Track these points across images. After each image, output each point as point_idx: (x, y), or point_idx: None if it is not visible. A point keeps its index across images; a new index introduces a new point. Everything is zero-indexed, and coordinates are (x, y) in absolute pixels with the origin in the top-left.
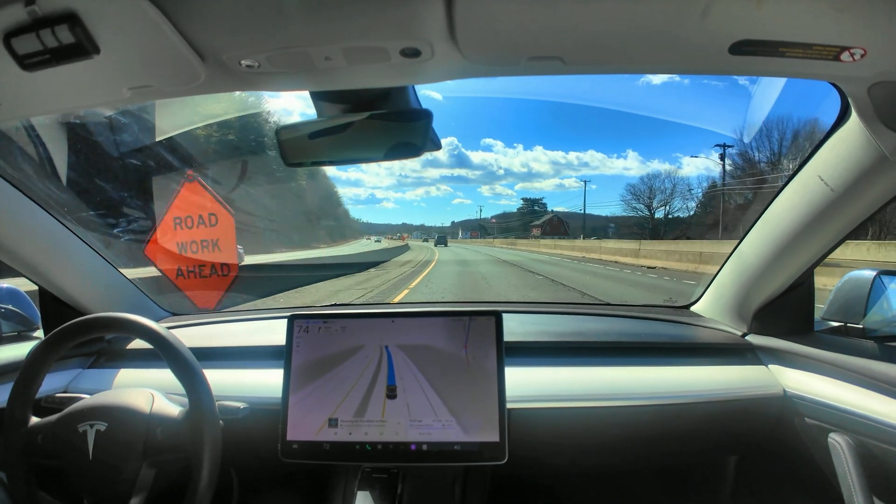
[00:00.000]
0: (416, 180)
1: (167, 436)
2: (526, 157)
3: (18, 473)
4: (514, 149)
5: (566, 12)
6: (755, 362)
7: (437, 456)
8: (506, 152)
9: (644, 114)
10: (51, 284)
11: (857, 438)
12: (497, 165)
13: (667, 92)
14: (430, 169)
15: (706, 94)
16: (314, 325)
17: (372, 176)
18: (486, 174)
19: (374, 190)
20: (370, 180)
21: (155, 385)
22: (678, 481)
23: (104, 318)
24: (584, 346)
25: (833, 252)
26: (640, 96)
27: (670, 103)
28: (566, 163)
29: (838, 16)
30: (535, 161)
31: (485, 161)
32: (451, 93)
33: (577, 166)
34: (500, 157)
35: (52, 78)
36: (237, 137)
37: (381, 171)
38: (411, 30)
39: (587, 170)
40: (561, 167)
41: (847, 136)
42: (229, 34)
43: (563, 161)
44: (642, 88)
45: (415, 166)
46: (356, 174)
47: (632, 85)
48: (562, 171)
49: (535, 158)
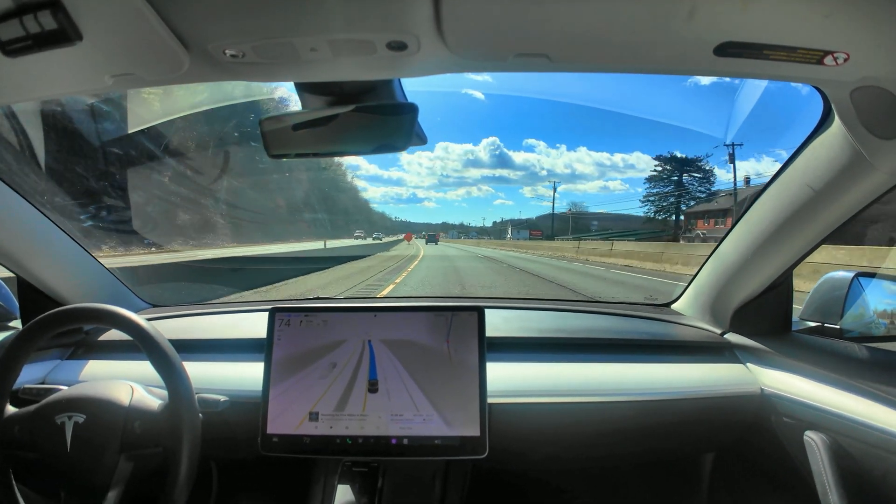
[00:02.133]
0: (458, 180)
1: (145, 429)
2: (569, 158)
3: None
4: (556, 149)
5: (553, 10)
6: (733, 360)
7: (418, 450)
8: (548, 153)
9: (677, 124)
10: (29, 274)
11: (832, 436)
12: (539, 166)
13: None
14: (471, 169)
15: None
16: (295, 319)
17: (413, 175)
18: (529, 175)
19: (416, 189)
20: (412, 180)
21: (134, 377)
22: (656, 477)
23: (84, 308)
24: (566, 343)
25: (811, 254)
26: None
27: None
28: (611, 164)
29: (822, 20)
30: (579, 162)
31: (527, 161)
32: (493, 90)
33: (622, 168)
34: (542, 157)
35: (34, 64)
36: (220, 128)
37: (423, 171)
38: (398, 23)
39: (633, 172)
40: (606, 169)
41: (829, 139)
42: (214, 23)
43: (607, 163)
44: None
45: (456, 166)
46: (398, 173)
47: (680, 87)
48: (607, 173)
49: (579, 159)
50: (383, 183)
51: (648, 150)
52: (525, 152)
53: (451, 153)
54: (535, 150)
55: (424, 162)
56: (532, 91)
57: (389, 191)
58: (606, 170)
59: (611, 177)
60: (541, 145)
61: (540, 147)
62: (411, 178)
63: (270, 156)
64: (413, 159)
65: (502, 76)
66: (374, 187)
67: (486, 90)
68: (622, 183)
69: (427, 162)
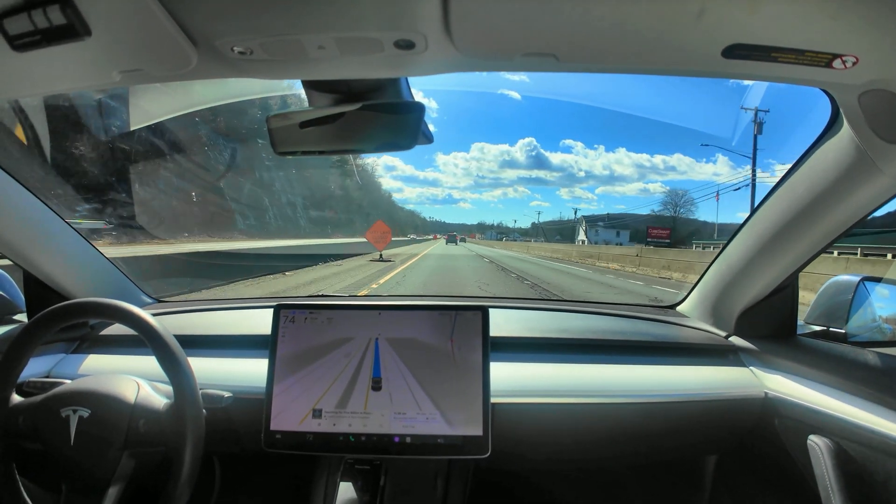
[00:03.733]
0: (494, 181)
1: (149, 428)
2: (608, 159)
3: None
4: (594, 150)
5: (561, 10)
6: (738, 364)
7: (421, 449)
8: (586, 153)
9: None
10: (35, 268)
11: (836, 441)
12: (577, 167)
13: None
14: (507, 170)
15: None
16: (300, 316)
17: (449, 176)
18: (566, 176)
19: (452, 190)
20: (448, 180)
21: (138, 372)
22: (658, 479)
23: (92, 303)
24: (570, 343)
25: (817, 257)
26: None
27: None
28: (651, 166)
29: (831, 23)
30: (618, 164)
31: (564, 162)
32: (530, 92)
33: (663, 170)
34: (580, 158)
35: (42, 59)
36: (229, 125)
37: (458, 172)
38: (406, 22)
39: (674, 174)
40: (646, 171)
41: (837, 143)
42: (222, 19)
43: (647, 164)
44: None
45: (492, 167)
46: (433, 174)
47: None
48: (647, 175)
49: (618, 161)
50: (419, 183)
51: (690, 153)
52: (562, 153)
53: (487, 154)
54: (573, 151)
55: (460, 163)
56: (569, 95)
57: (425, 191)
58: (646, 171)
59: (651, 179)
60: (578, 146)
61: (577, 148)
62: (447, 179)
63: (277, 153)
64: (448, 160)
65: (540, 80)
66: (409, 188)
67: (522, 91)
68: (662, 185)
69: (462, 163)
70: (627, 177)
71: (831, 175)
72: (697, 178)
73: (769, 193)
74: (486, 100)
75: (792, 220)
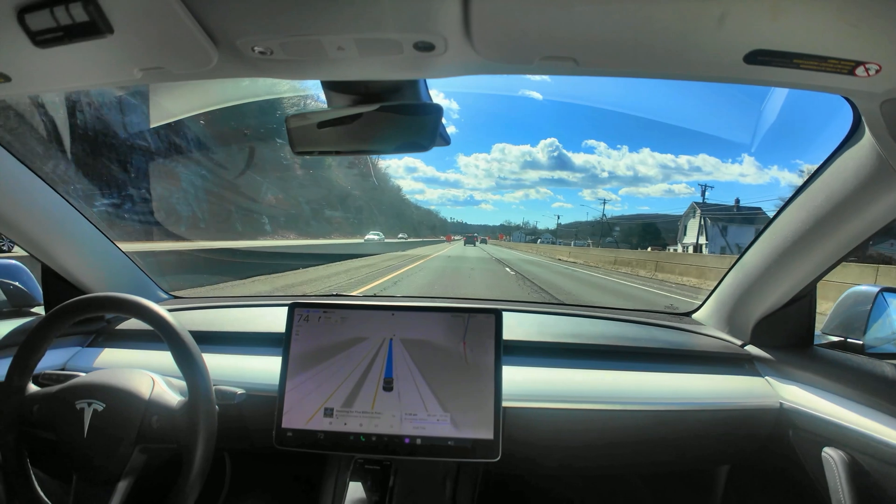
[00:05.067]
0: (515, 182)
1: (162, 425)
2: (632, 160)
3: (10, 442)
4: (618, 150)
5: (581, 14)
6: (753, 373)
7: (430, 450)
8: (609, 154)
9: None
10: (54, 262)
11: (851, 454)
12: (600, 168)
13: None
14: (529, 171)
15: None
16: (314, 315)
17: (470, 178)
18: (589, 177)
19: (473, 191)
20: (469, 182)
21: (152, 366)
22: (669, 487)
23: (111, 297)
24: (583, 349)
25: (836, 267)
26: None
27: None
28: (676, 167)
29: (853, 30)
30: (642, 164)
31: (587, 163)
32: (552, 96)
33: (688, 171)
34: (603, 159)
35: (63, 55)
36: (243, 123)
37: (479, 173)
38: (426, 23)
39: (699, 175)
40: (670, 171)
41: (857, 151)
42: (243, 19)
43: (672, 165)
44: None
45: (513, 168)
46: (455, 175)
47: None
48: (671, 176)
49: (642, 161)
50: (440, 185)
51: (715, 153)
52: (585, 154)
53: (508, 155)
54: (596, 152)
55: (481, 164)
56: (588, 99)
57: (446, 192)
58: (671, 172)
59: (675, 179)
60: (601, 146)
61: (600, 148)
62: (468, 181)
63: (295, 152)
64: (469, 161)
65: (560, 81)
66: (431, 189)
67: (543, 91)
68: (687, 186)
69: (483, 164)
70: (652, 178)
71: (851, 184)
72: (723, 179)
73: (788, 201)
74: (506, 101)
75: (811, 229)
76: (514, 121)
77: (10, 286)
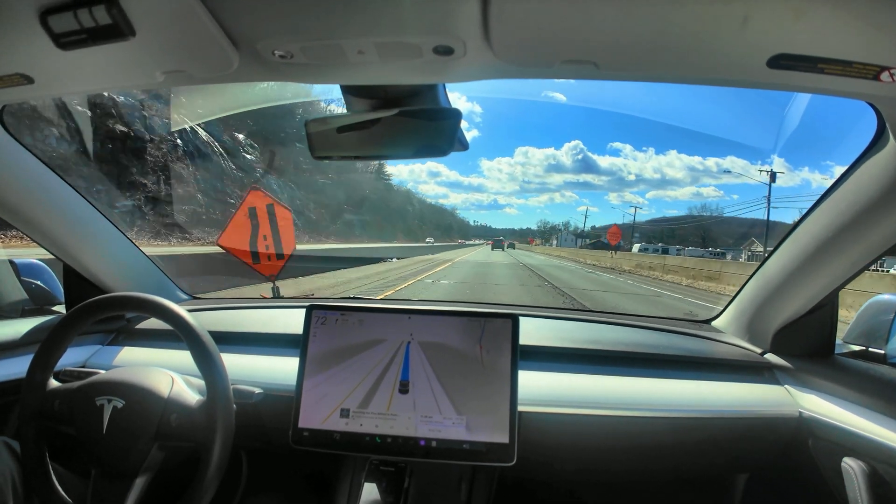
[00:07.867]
0: (540, 186)
1: (181, 423)
2: (658, 162)
3: (31, 435)
4: (644, 152)
5: (601, 17)
6: (772, 381)
7: (446, 453)
8: (636, 156)
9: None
10: (75, 262)
11: (871, 464)
12: (626, 171)
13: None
14: (553, 174)
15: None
16: (332, 317)
17: (494, 182)
18: (615, 180)
19: (497, 195)
20: (493, 186)
21: (170, 365)
22: (686, 495)
23: (132, 297)
24: (601, 355)
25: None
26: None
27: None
28: (704, 169)
29: (878, 34)
30: (669, 167)
31: (613, 165)
32: (575, 101)
33: (716, 173)
34: (629, 161)
35: (86, 57)
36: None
37: (503, 177)
38: (445, 27)
39: (728, 177)
40: (699, 174)
41: (882, 157)
42: (264, 23)
43: (700, 167)
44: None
45: (538, 171)
46: (478, 180)
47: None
48: (700, 179)
49: (669, 164)
50: (463, 189)
51: (744, 154)
52: (610, 156)
53: (532, 158)
54: (621, 154)
55: (504, 168)
56: (610, 104)
57: (470, 196)
58: (699, 175)
59: (704, 182)
60: (627, 148)
61: (626, 150)
62: (492, 185)
63: (315, 157)
64: (493, 165)
65: (585, 84)
66: (454, 193)
67: (567, 93)
68: (716, 189)
69: (507, 168)
70: (680, 180)
71: (875, 190)
72: (752, 182)
73: (811, 208)
74: (528, 104)
75: (834, 237)
76: (537, 124)
77: (33, 285)
